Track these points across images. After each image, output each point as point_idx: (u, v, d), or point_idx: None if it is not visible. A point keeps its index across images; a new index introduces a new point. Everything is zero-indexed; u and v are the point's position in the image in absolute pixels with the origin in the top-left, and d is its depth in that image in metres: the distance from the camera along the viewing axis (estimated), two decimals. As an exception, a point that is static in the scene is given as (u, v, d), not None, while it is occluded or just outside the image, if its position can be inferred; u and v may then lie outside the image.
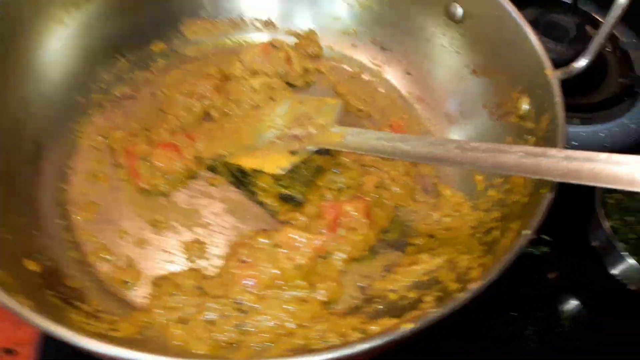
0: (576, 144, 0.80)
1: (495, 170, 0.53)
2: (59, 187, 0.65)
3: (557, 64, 0.62)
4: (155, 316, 0.53)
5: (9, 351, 0.58)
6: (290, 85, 0.80)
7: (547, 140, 0.55)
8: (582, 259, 0.71)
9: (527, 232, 0.46)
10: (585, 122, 0.81)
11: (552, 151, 0.47)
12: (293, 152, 0.66)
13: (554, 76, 0.57)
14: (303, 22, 0.85)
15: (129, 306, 0.56)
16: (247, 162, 0.67)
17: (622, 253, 0.65)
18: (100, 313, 0.53)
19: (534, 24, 0.92)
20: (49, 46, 0.70)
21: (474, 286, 0.42)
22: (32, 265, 0.53)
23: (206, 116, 0.74)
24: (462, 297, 0.41)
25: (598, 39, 0.59)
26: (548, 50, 0.89)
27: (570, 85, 0.67)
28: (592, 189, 0.64)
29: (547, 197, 0.49)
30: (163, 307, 0.54)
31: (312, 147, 0.66)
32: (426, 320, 0.40)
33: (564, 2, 0.97)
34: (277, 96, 0.75)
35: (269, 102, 0.74)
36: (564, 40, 0.87)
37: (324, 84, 0.81)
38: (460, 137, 0.73)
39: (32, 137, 0.66)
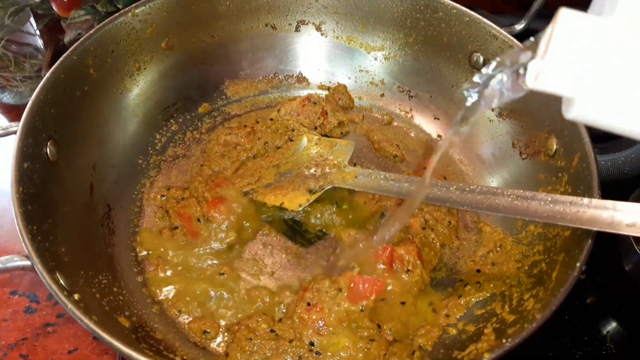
0: (597, 172, 0.85)
1: (491, 211, 0.59)
2: (131, 245, 0.70)
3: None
4: (238, 360, 0.57)
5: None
6: (326, 136, 0.86)
7: (581, 177, 0.60)
8: (617, 282, 0.75)
9: (578, 265, 0.50)
10: (602, 151, 0.87)
11: (540, 195, 0.53)
12: (311, 191, 0.72)
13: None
14: (333, 76, 0.92)
15: (213, 354, 0.60)
16: (270, 200, 0.72)
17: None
18: (189, 362, 0.57)
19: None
20: (112, 116, 0.76)
21: (539, 317, 0.46)
22: (123, 322, 0.58)
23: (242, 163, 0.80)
24: (529, 327, 0.46)
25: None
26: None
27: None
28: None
29: (588, 242, 0.52)
30: (242, 352, 0.58)
31: (327, 186, 0.72)
32: (500, 350, 0.45)
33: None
34: (295, 137, 0.81)
35: (288, 143, 0.80)
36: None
37: (358, 132, 0.88)
38: (493, 175, 0.78)
39: (103, 200, 0.71)
